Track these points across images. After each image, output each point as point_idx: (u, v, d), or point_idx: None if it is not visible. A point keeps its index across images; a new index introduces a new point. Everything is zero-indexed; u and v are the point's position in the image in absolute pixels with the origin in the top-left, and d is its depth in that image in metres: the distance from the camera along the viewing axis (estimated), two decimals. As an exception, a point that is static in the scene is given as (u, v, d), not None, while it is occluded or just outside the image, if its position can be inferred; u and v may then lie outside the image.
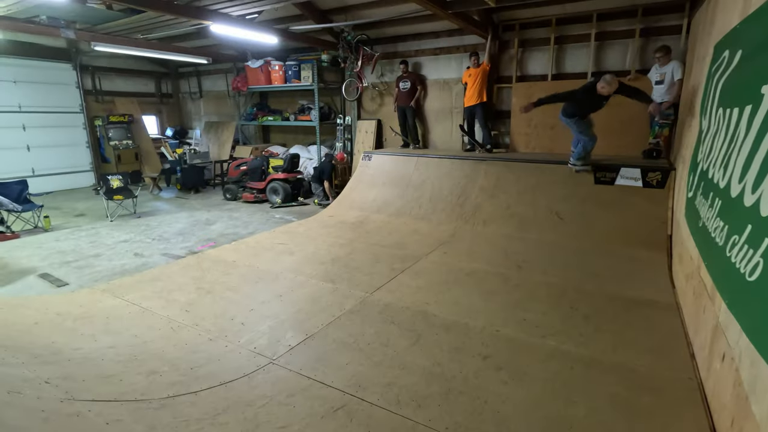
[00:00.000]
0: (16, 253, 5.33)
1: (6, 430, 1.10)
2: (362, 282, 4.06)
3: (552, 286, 3.92)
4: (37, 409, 1.46)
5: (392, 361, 2.75)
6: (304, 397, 2.38)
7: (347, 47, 7.88)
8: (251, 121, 10.01)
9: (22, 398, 1.50)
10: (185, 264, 4.71)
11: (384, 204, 6.63)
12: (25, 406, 1.44)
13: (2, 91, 8.61)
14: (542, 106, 5.27)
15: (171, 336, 3.06)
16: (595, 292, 3.77)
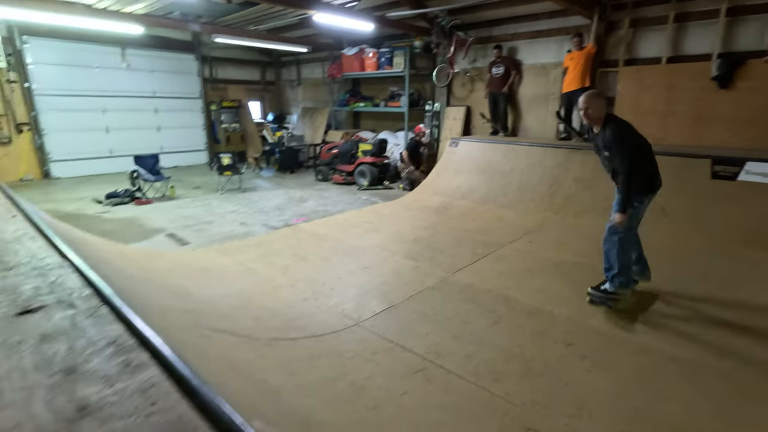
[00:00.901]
0: (149, 215, 6.30)
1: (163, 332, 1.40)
2: (444, 262, 4.15)
3: (650, 283, 3.64)
4: (179, 326, 1.81)
5: (471, 336, 2.82)
6: (386, 357, 2.57)
7: (441, 33, 7.87)
8: (343, 107, 10.49)
9: (170, 317, 1.87)
10: (282, 234, 5.20)
11: (469, 190, 6.60)
12: (172, 322, 1.80)
13: (141, 79, 10.07)
14: (653, 91, 4.76)
15: (271, 293, 3.45)
16: (702, 294, 3.43)
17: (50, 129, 8.91)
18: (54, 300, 1.30)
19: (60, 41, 8.70)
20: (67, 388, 0.90)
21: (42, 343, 1.07)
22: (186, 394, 0.89)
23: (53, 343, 1.07)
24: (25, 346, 1.06)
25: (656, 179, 3.08)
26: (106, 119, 9.67)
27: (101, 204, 6.86)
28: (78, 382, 0.92)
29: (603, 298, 3.18)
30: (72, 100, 9.10)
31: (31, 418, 0.81)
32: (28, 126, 8.66)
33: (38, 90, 8.64)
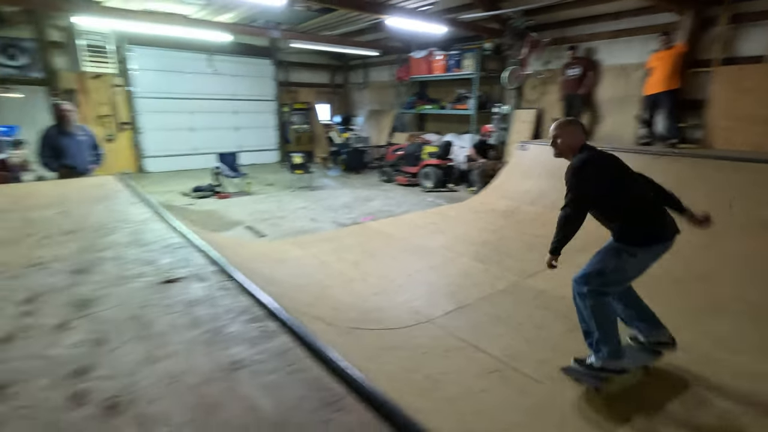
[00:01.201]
0: (229, 209, 6.81)
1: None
2: (514, 267, 4.08)
3: (752, 305, 3.34)
4: (277, 307, 1.98)
5: (546, 343, 2.77)
6: (460, 355, 2.60)
7: (513, 34, 7.71)
8: (410, 109, 10.60)
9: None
10: (351, 231, 5.39)
11: (539, 196, 6.40)
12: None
13: (223, 82, 10.88)
14: (754, 93, 4.36)
15: (345, 285, 3.61)
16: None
17: (146, 128, 9.91)
18: (188, 273, 1.49)
19: (158, 49, 9.65)
20: (219, 345, 1.05)
21: (189, 307, 1.24)
22: (318, 359, 1.00)
23: (198, 308, 1.24)
24: (177, 308, 1.23)
25: (661, 229, 2.29)
26: (193, 120, 10.57)
27: (188, 196, 7.52)
28: (227, 342, 1.06)
29: (587, 374, 2.26)
30: (165, 102, 10.05)
31: (195, 367, 0.96)
32: (129, 125, 9.70)
33: (138, 93, 9.65)
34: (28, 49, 8.19)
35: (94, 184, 3.22)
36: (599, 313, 2.30)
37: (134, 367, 0.95)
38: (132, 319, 1.16)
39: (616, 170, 2.39)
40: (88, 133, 5.14)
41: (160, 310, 1.21)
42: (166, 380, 0.90)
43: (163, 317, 1.18)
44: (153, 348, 1.02)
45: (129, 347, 1.03)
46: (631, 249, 2.29)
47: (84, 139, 5.04)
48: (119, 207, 2.49)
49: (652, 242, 2.28)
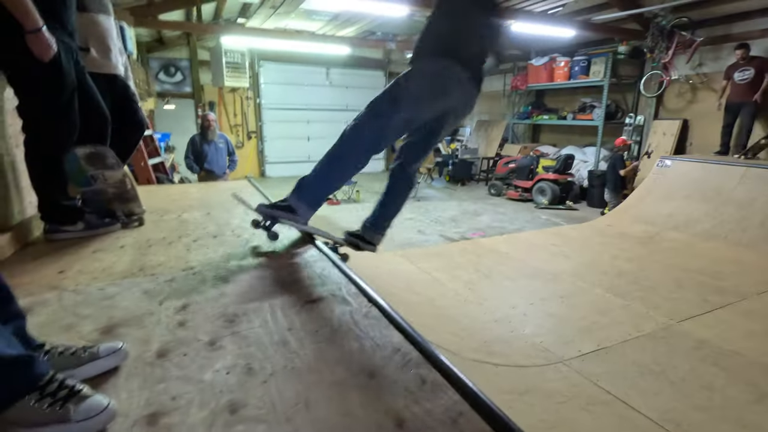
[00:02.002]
0: (337, 215, 7.00)
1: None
2: (662, 306, 3.42)
3: None
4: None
5: (724, 412, 2.19)
6: (606, 411, 2.16)
7: (658, 34, 6.75)
8: (524, 119, 9.98)
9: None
10: (462, 247, 5.11)
11: (685, 221, 5.43)
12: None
13: (337, 94, 11.43)
14: None
15: (460, 307, 3.35)
16: None
17: (269, 136, 10.82)
18: (328, 293, 1.38)
19: (283, 64, 10.50)
20: (375, 393, 0.88)
21: (334, 336, 1.10)
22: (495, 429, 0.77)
23: (344, 339, 1.10)
24: (322, 336, 1.10)
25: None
26: (309, 129, 11.27)
27: (301, 201, 7.95)
28: (383, 390, 0.89)
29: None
30: (286, 113, 10.88)
31: (355, 422, 0.80)
32: (255, 134, 10.69)
33: (265, 105, 10.59)
34: (182, 67, 9.48)
35: (231, 188, 3.44)
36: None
37: (288, 410, 0.82)
38: (280, 345, 1.06)
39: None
40: (226, 141, 5.68)
41: (306, 337, 1.10)
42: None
43: (310, 346, 1.06)
44: (305, 387, 0.89)
45: (280, 381, 0.91)
46: None
47: (222, 146, 5.57)
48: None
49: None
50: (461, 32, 2.07)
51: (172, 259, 1.67)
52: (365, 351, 1.04)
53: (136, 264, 1.61)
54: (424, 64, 2.06)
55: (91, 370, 0.91)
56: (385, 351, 1.04)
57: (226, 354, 1.02)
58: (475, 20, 2.07)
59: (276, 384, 0.91)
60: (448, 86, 2.06)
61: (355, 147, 2.15)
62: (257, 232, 2.09)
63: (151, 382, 0.91)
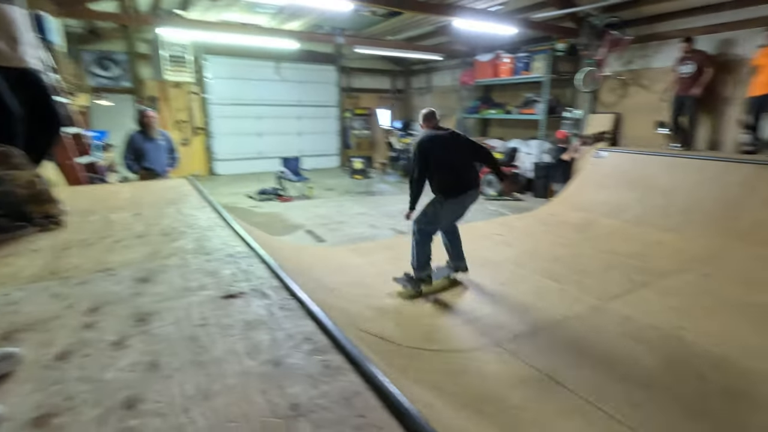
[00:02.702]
0: (290, 212, 6.92)
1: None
2: (593, 288, 3.68)
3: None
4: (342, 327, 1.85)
5: (638, 381, 2.39)
6: (535, 387, 2.31)
7: (591, 33, 7.15)
8: (473, 114, 10.26)
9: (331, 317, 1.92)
10: (411, 239, 5.21)
11: (617, 208, 5.82)
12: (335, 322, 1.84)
13: (288, 89, 11.23)
14: None
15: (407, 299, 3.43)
16: None
17: (217, 133, 10.47)
18: (249, 288, 1.39)
19: (230, 58, 10.17)
20: (278, 381, 0.91)
21: (248, 330, 1.12)
22: (392, 411, 0.83)
23: (257, 331, 1.12)
24: (235, 330, 1.12)
25: (450, 188, 3.44)
26: (260, 125, 11.01)
27: (252, 199, 7.78)
28: (286, 377, 0.92)
29: (404, 280, 3.52)
30: (235, 108, 10.56)
31: (251, 408, 0.82)
32: (202, 130, 10.30)
33: (212, 100, 10.22)
34: (119, 61, 8.96)
35: (167, 187, 3.33)
36: (420, 243, 3.53)
37: (187, 403, 0.83)
38: (189, 340, 1.06)
39: (433, 147, 3.42)
40: (167, 138, 5.45)
41: (218, 331, 1.11)
42: (219, 426, 0.77)
43: (221, 340, 1.07)
44: (208, 379, 0.91)
45: (183, 375, 0.92)
46: (437, 197, 3.49)
47: (163, 143, 5.34)
48: (188, 211, 2.51)
49: (446, 196, 3.45)
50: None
51: (89, 261, 1.61)
52: (276, 342, 1.06)
53: (47, 267, 1.54)
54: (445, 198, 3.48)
55: (-20, 377, 0.87)
56: (296, 340, 1.07)
57: (132, 352, 1.01)
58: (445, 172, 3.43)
59: (179, 378, 0.91)
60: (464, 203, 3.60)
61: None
62: (188, 231, 2.04)
63: (45, 384, 0.89)
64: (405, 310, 3.12)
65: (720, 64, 6.19)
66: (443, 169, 3.37)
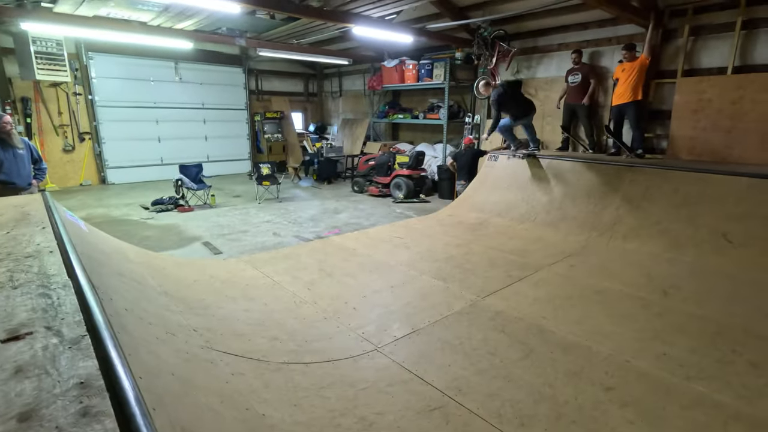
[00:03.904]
0: (189, 223, 6.51)
1: (159, 362, 1.33)
2: (475, 285, 3.93)
3: (707, 320, 3.24)
4: (183, 350, 1.75)
5: (498, 372, 2.60)
6: (403, 389, 2.40)
7: (482, 44, 7.66)
8: (383, 118, 10.48)
9: (175, 340, 1.82)
10: (312, 247, 5.17)
11: (507, 208, 6.30)
12: (176, 347, 1.74)
13: (190, 91, 10.58)
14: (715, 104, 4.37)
15: (293, 309, 3.38)
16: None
17: (108, 138, 9.54)
18: (44, 326, 1.27)
19: (120, 56, 9.32)
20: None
21: (12, 378, 1.02)
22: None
23: (23, 378, 1.02)
24: None
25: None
26: (159, 129, 10.23)
27: (147, 210, 7.19)
28: None
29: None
30: (129, 111, 9.70)
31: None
32: (90, 135, 9.31)
33: (99, 101, 9.28)
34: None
35: (11, 205, 2.94)
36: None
37: None
38: (-74, 400, 0.93)
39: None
40: (28, 147, 4.83)
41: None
42: None
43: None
44: (-76, 447, 0.80)
45: None
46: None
47: (23, 153, 4.73)
48: (21, 233, 2.23)
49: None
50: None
51: None
52: (41, 389, 0.97)
53: None
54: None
55: None
56: (66, 386, 0.99)
57: None
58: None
59: None
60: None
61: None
62: (5, 259, 1.81)
63: None
64: (285, 322, 3.07)
65: (599, 76, 6.98)
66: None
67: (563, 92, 7.24)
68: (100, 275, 2.00)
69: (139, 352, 1.22)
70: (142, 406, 0.93)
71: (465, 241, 5.32)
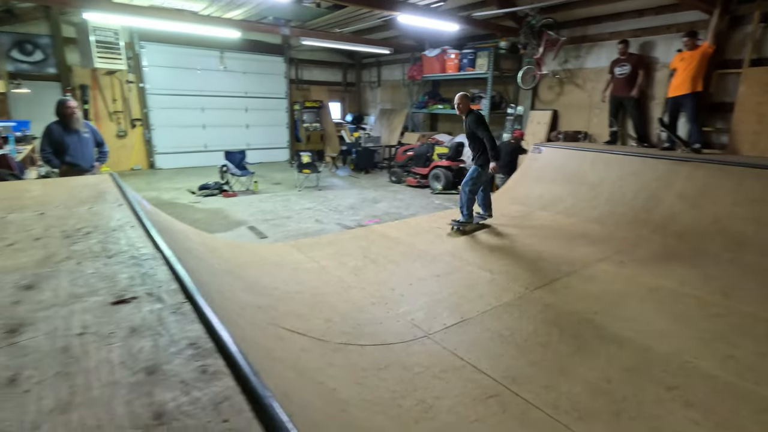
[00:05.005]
0: (234, 207, 6.73)
1: (244, 333, 1.39)
2: (522, 277, 3.87)
3: None
4: (256, 325, 1.83)
5: (551, 364, 2.57)
6: (457, 376, 2.41)
7: (529, 32, 7.44)
8: (421, 108, 10.40)
9: (246, 315, 1.90)
10: (355, 234, 5.24)
11: (551, 201, 6.15)
12: (250, 321, 1.82)
13: (234, 80, 10.85)
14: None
15: (341, 293, 3.45)
16: None
17: (157, 124, 9.94)
18: (144, 292, 1.35)
19: (169, 46, 9.65)
20: (147, 389, 0.90)
21: (130, 337, 1.09)
22: (257, 415, 0.84)
23: (140, 338, 1.09)
24: (115, 338, 1.09)
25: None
26: (204, 117, 10.57)
27: (194, 194, 7.48)
28: (157, 385, 0.91)
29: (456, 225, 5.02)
30: (176, 98, 10.06)
31: (111, 420, 0.81)
32: (140, 122, 9.74)
33: (150, 89, 9.67)
34: (42, 45, 8.26)
35: (86, 184, 3.13)
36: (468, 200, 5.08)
37: (39, 418, 0.80)
38: (60, 351, 1.02)
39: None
40: (92, 131, 5.10)
41: (96, 340, 1.07)
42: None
43: (97, 350, 1.03)
44: (70, 392, 0.88)
45: (43, 389, 0.88)
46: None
47: (88, 136, 5.00)
48: (101, 210, 2.38)
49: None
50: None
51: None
52: (157, 348, 1.05)
53: None
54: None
55: None
56: (179, 346, 1.06)
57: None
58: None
59: (38, 392, 0.88)
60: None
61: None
62: (93, 232, 1.94)
63: None
64: (335, 305, 3.14)
65: (648, 66, 6.66)
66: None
67: (607, 84, 6.96)
68: (174, 250, 2.10)
69: (231, 316, 1.28)
70: (252, 368, 0.98)
71: (508, 233, 5.24)
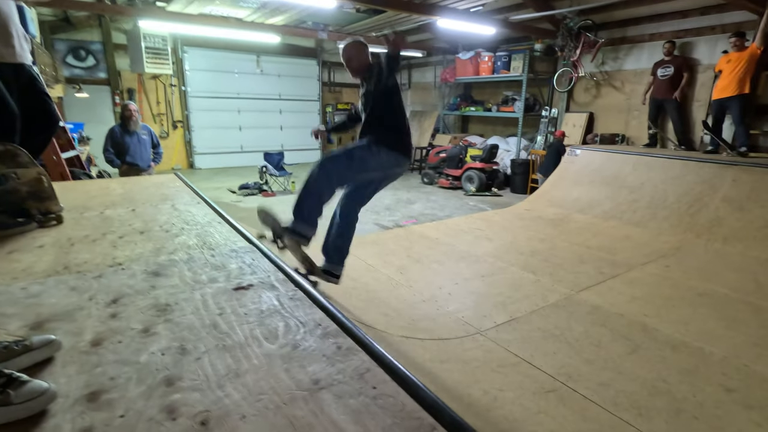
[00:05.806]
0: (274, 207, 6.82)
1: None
2: (566, 279, 3.92)
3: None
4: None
5: (605, 363, 2.62)
6: (514, 371, 2.50)
7: (567, 34, 7.43)
8: (453, 110, 10.47)
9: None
10: (395, 234, 5.37)
11: (589, 204, 6.13)
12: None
13: (269, 82, 11.17)
14: None
15: (391, 290, 3.59)
16: None
17: (197, 126, 10.34)
18: (257, 280, 1.50)
19: (210, 50, 10.04)
20: (298, 361, 1.04)
21: (263, 318, 1.24)
22: (400, 384, 0.97)
23: (272, 319, 1.24)
24: (251, 318, 1.24)
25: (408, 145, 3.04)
26: (240, 119, 10.93)
27: (235, 194, 7.77)
28: (305, 358, 1.05)
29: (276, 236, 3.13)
30: (215, 101, 10.45)
31: (279, 383, 0.95)
32: (181, 123, 10.16)
33: (191, 92, 10.08)
34: (94, 51, 8.73)
35: (158, 183, 3.36)
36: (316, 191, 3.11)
37: (220, 380, 0.95)
38: (211, 327, 1.17)
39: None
40: (149, 132, 5.41)
41: (236, 319, 1.23)
42: (252, 397, 0.90)
43: (239, 327, 1.19)
44: (235, 360, 1.03)
45: (212, 357, 1.04)
46: (385, 151, 2.88)
47: (146, 138, 5.31)
48: (183, 207, 2.58)
49: (401, 154, 2.95)
50: (408, 132, 3.02)
51: (98, 256, 1.68)
52: (290, 328, 1.19)
53: (59, 262, 1.60)
54: (386, 153, 2.83)
55: (26, 360, 0.96)
56: (308, 326, 1.20)
57: (160, 339, 1.12)
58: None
59: (209, 360, 1.03)
60: (398, 173, 3.07)
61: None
62: (186, 227, 2.13)
63: (88, 367, 0.99)
64: (388, 301, 3.27)
65: (691, 68, 6.56)
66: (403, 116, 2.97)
67: (648, 86, 6.86)
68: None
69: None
70: (379, 346, 1.11)
71: (548, 235, 5.27)
